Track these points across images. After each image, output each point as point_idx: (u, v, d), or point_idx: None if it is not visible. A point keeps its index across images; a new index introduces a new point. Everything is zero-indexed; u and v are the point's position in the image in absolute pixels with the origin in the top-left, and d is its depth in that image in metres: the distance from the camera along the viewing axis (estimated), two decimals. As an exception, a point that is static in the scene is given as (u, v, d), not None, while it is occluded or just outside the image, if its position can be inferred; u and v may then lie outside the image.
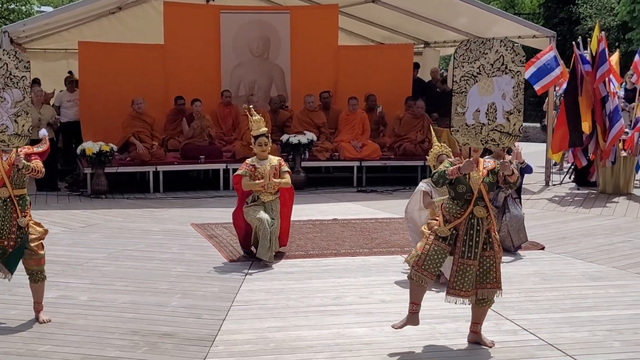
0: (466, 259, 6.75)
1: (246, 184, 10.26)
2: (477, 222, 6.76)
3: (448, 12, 18.57)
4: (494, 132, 6.76)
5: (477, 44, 6.75)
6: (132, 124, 16.27)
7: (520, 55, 6.76)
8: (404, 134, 17.32)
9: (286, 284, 9.17)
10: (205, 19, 18.09)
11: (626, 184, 15.67)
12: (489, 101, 6.74)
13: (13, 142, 7.32)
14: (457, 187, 6.81)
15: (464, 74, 6.73)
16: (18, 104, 7.32)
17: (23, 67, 7.33)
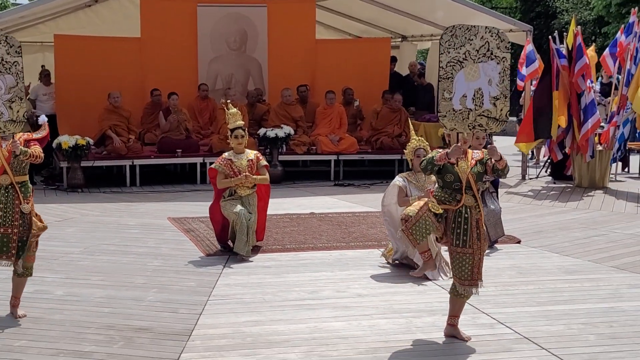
0: (455, 246, 6.77)
1: (221, 181, 10.24)
2: (465, 210, 6.78)
3: (425, 6, 18.61)
4: (481, 117, 6.80)
5: (462, 30, 6.78)
6: (109, 117, 16.20)
7: (506, 41, 6.81)
8: (381, 128, 17.34)
9: (263, 278, 9.16)
10: (182, 12, 18.00)
11: (602, 177, 15.75)
12: (476, 87, 6.79)
13: (9, 129, 7.25)
14: (445, 176, 6.82)
15: (450, 59, 6.76)
16: (12, 90, 7.24)
17: (14, 52, 7.23)
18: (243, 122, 10.52)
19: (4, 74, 7.22)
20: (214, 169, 10.35)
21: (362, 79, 18.55)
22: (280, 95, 17.44)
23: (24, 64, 7.39)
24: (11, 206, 7.32)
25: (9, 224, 7.31)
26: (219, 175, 10.25)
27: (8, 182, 7.33)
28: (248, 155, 10.39)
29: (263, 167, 10.46)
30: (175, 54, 17.70)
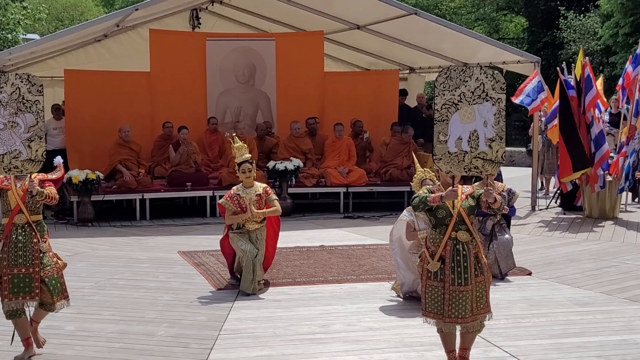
0: (457, 285, 6.74)
1: (229, 217, 10.23)
2: (463, 246, 6.76)
3: (432, 38, 18.67)
4: (477, 160, 6.78)
5: (457, 71, 6.78)
6: (119, 151, 16.27)
7: (501, 82, 6.78)
8: (390, 160, 17.36)
9: (274, 311, 9.15)
10: (192, 46, 18.13)
11: (612, 208, 15.72)
12: (471, 129, 6.76)
13: (27, 168, 7.25)
14: (437, 212, 6.81)
15: (445, 101, 6.76)
16: (31, 129, 7.24)
17: (36, 91, 7.24)
18: (250, 156, 10.45)
19: (24, 113, 7.22)
20: (222, 205, 10.35)
21: (371, 111, 18.62)
22: (289, 128, 17.48)
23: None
24: (30, 245, 7.31)
25: (30, 264, 7.30)
26: (227, 211, 10.25)
27: (24, 222, 7.33)
28: (257, 189, 10.32)
29: (274, 201, 10.36)
30: (185, 88, 17.79)
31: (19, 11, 31.99)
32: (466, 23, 43.44)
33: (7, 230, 7.32)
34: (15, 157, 7.22)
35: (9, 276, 7.28)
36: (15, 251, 7.29)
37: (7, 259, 7.28)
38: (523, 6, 42.70)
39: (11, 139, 7.21)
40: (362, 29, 19.20)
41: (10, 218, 7.32)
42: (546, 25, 38.69)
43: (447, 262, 6.76)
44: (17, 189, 7.34)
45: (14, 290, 7.28)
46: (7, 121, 7.20)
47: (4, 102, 7.20)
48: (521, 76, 19.48)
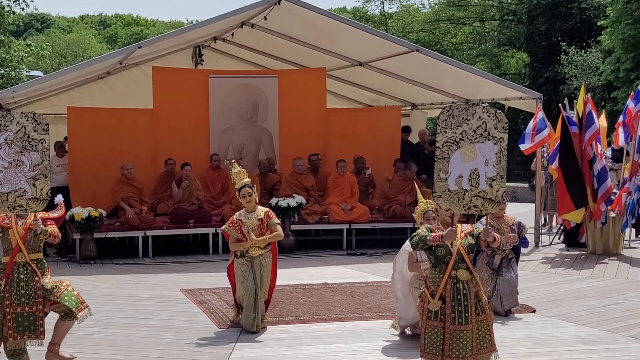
0: (457, 324, 6.70)
1: (232, 244, 10.14)
2: (463, 285, 6.74)
3: (434, 75, 18.73)
4: (477, 199, 6.77)
5: (459, 109, 6.78)
6: (121, 189, 16.28)
7: (503, 121, 6.78)
8: (393, 196, 17.35)
9: (277, 350, 9.10)
10: (194, 83, 18.21)
11: (615, 244, 15.69)
12: (472, 167, 6.76)
13: (31, 207, 7.24)
14: (437, 250, 6.80)
15: (447, 139, 6.76)
16: (36, 167, 7.24)
17: (42, 130, 7.25)
18: (249, 180, 10.30)
19: (30, 151, 7.23)
20: (226, 233, 10.29)
21: (373, 148, 18.63)
22: (291, 165, 17.50)
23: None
24: (32, 283, 7.30)
25: (33, 302, 7.28)
26: (230, 237, 10.18)
27: (24, 260, 7.32)
28: (259, 214, 10.18)
29: (276, 225, 10.17)
30: (187, 125, 17.85)
31: (22, 48, 32.16)
32: (468, 59, 43.65)
33: (9, 269, 7.32)
34: (20, 195, 7.21)
35: (13, 315, 7.25)
36: (18, 290, 7.28)
37: (9, 298, 7.26)
38: (524, 42, 42.90)
39: (16, 177, 7.21)
40: (365, 66, 19.29)
41: (11, 257, 7.32)
42: (548, 60, 38.84)
43: (448, 301, 6.74)
44: (18, 228, 7.33)
45: (19, 329, 7.26)
46: (12, 159, 7.21)
47: (9, 141, 7.20)
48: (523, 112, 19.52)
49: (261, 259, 10.13)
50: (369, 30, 17.96)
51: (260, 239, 10.04)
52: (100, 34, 78.27)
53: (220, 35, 19.36)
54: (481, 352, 6.87)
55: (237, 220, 10.17)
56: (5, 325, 7.30)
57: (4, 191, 7.20)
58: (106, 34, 78.88)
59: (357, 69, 19.60)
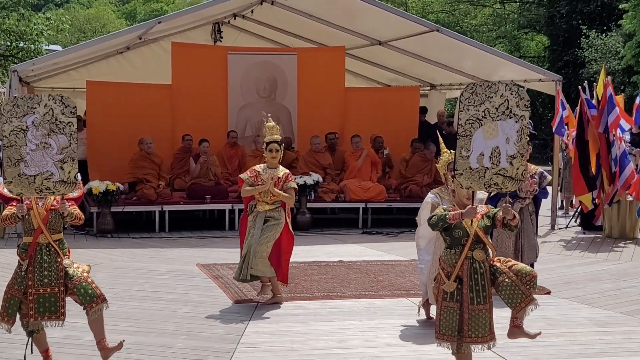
0: (476, 304, 6.71)
1: (244, 189, 10.13)
2: (479, 265, 6.74)
3: (454, 55, 18.67)
4: (497, 176, 6.76)
5: (482, 87, 6.76)
6: (141, 164, 16.33)
7: (525, 99, 6.76)
8: (410, 176, 17.34)
9: (291, 326, 9.14)
10: (213, 59, 18.21)
11: (632, 228, 15.66)
12: (493, 145, 6.74)
13: (59, 190, 7.19)
14: (454, 231, 6.78)
15: (469, 117, 6.73)
16: (64, 150, 7.17)
17: (69, 113, 7.17)
18: (280, 137, 10.27)
19: (57, 134, 7.17)
20: (242, 180, 10.29)
21: (391, 127, 18.61)
22: (309, 143, 17.50)
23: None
24: (55, 265, 7.31)
25: (55, 283, 7.29)
26: (244, 184, 10.17)
27: (46, 242, 7.34)
28: (279, 172, 10.16)
29: (291, 189, 10.17)
30: (206, 101, 17.86)
31: (42, 22, 32.17)
32: (487, 41, 43.44)
33: (32, 250, 7.31)
34: (47, 178, 7.16)
35: (35, 296, 7.27)
36: (41, 271, 7.27)
37: (32, 279, 7.27)
38: (544, 25, 42.68)
39: (43, 160, 7.17)
40: (384, 45, 19.24)
41: (34, 238, 7.32)
42: (568, 44, 38.65)
43: (465, 281, 6.73)
44: (39, 209, 7.35)
45: (40, 310, 7.28)
46: (39, 142, 7.16)
47: (37, 123, 7.17)
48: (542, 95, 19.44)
49: (274, 213, 10.08)
50: (389, 9, 17.91)
51: (275, 191, 9.97)
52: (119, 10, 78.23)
53: (239, 12, 19.34)
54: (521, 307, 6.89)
55: (256, 172, 10.16)
56: (27, 306, 7.33)
57: (31, 174, 7.16)
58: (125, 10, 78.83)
59: (377, 48, 19.55)
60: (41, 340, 7.51)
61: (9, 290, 7.38)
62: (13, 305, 7.34)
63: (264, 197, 10.05)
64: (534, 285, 6.93)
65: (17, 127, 7.14)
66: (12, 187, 7.18)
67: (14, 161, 7.15)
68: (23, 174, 7.16)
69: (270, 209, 10.09)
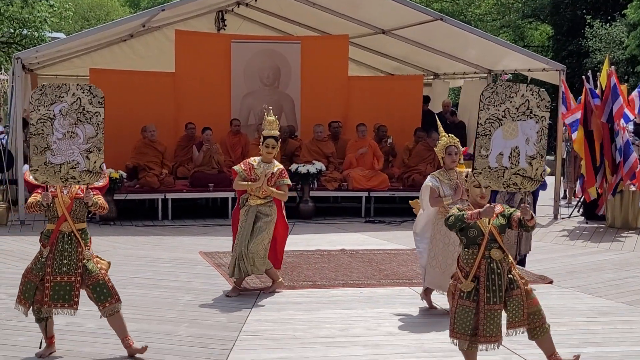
0: (492, 304, 6.71)
1: (236, 183, 10.11)
2: (497, 265, 6.73)
3: (458, 44, 18.64)
4: (516, 176, 6.76)
5: (503, 87, 6.74)
6: (144, 152, 16.32)
7: (546, 100, 6.74)
8: (413, 165, 17.33)
9: (293, 314, 9.16)
10: (217, 47, 18.19)
11: (635, 218, 15.64)
12: (513, 145, 6.73)
13: (84, 179, 7.21)
14: (469, 231, 6.77)
15: (489, 116, 6.71)
16: (90, 140, 7.19)
17: (97, 103, 7.18)
18: (278, 133, 10.22)
19: (84, 124, 7.17)
20: (235, 171, 10.25)
21: (395, 116, 18.59)
22: (312, 131, 17.49)
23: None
24: (75, 254, 7.32)
25: (73, 272, 7.31)
26: (237, 176, 10.14)
27: (69, 230, 7.34)
28: (273, 167, 10.10)
29: (285, 185, 10.11)
30: (209, 89, 17.85)
31: (45, 9, 32.14)
32: (491, 30, 43.34)
33: (54, 238, 7.33)
34: (73, 167, 7.17)
35: (52, 283, 7.29)
36: (61, 259, 7.29)
37: (51, 266, 7.28)
38: (549, 14, 42.53)
39: (70, 149, 7.17)
40: (387, 34, 19.21)
41: (57, 225, 7.33)
42: (572, 33, 38.52)
43: (482, 280, 6.72)
44: (64, 197, 7.35)
45: (54, 297, 7.30)
46: (66, 131, 7.16)
47: (64, 112, 7.17)
48: (545, 84, 19.40)
49: (266, 208, 10.05)
50: (392, -2, 17.86)
51: (268, 188, 9.94)
52: (123, -3, 78.12)
53: (243, 0, 19.31)
54: (513, 326, 6.88)
55: (249, 164, 10.12)
56: (41, 292, 7.34)
57: (57, 162, 7.16)
58: (129, -3, 78.73)
59: (380, 36, 19.52)
60: (49, 327, 7.54)
61: (27, 275, 7.42)
62: (30, 289, 7.39)
63: (256, 191, 10.02)
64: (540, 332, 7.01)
65: (45, 115, 7.15)
66: (38, 175, 7.20)
67: (40, 149, 7.17)
68: (49, 162, 7.18)
69: (262, 204, 10.06)
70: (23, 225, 14.73)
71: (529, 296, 6.91)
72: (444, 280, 9.19)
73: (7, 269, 11.11)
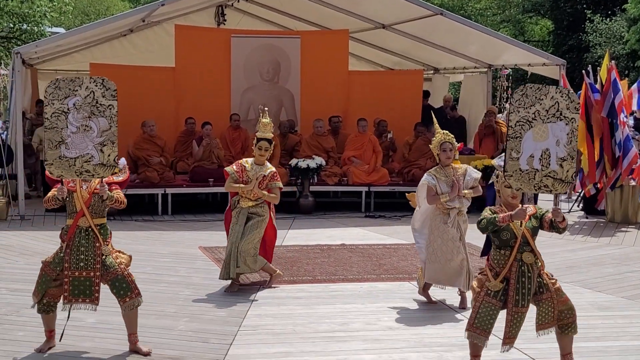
0: (520, 307, 6.71)
1: (228, 184, 10.08)
2: (528, 268, 6.72)
3: (458, 39, 18.63)
4: (547, 178, 6.73)
5: (533, 89, 6.72)
6: (144, 147, 16.31)
7: (575, 102, 6.72)
8: (413, 160, 17.33)
9: (293, 309, 9.16)
10: (217, 42, 18.17)
11: (635, 213, 15.64)
12: (543, 147, 6.70)
13: (98, 172, 7.18)
14: (502, 234, 6.76)
15: (520, 119, 6.68)
16: (104, 133, 7.15)
17: (110, 96, 7.14)
18: (272, 135, 10.13)
19: (98, 117, 7.13)
20: (226, 172, 10.21)
21: (395, 111, 18.57)
22: (312, 126, 17.48)
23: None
24: (92, 249, 7.30)
25: (91, 267, 7.29)
26: (229, 178, 10.11)
27: (87, 225, 7.33)
28: (265, 170, 10.04)
29: (276, 188, 10.04)
30: (209, 84, 17.84)
31: (45, 4, 32.11)
32: (491, 25, 43.32)
33: (71, 233, 7.32)
34: (87, 160, 7.14)
35: (70, 278, 7.28)
36: (78, 255, 7.28)
37: (69, 261, 7.28)
38: (549, 9, 42.53)
39: (84, 142, 7.15)
40: (388, 29, 19.19)
41: (74, 220, 7.32)
42: (572, 28, 38.52)
43: (512, 282, 6.72)
44: (83, 192, 7.34)
45: (75, 292, 7.30)
46: (80, 124, 7.14)
47: (78, 105, 7.15)
48: (546, 79, 19.38)
49: (250, 210, 10.01)
50: (392, -8, 17.85)
51: (259, 192, 9.89)
52: (123, -8, 78.04)
53: (243, -5, 19.32)
54: (543, 327, 6.90)
55: (241, 166, 10.08)
56: (61, 288, 7.34)
57: (71, 156, 7.13)
58: (129, -8, 78.67)
59: (380, 31, 19.51)
60: (51, 320, 7.55)
61: (45, 268, 7.43)
62: (44, 282, 7.40)
63: (247, 193, 9.98)
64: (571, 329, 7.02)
65: (59, 109, 7.14)
66: (53, 169, 7.19)
67: (55, 143, 7.15)
68: (64, 156, 7.16)
69: (253, 205, 10.02)
70: (23, 220, 14.75)
71: (560, 295, 6.90)
72: (443, 275, 9.21)
73: (7, 263, 11.12)
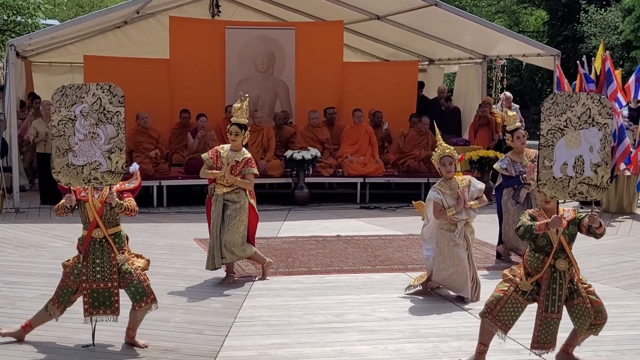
0: (550, 312, 6.72)
1: (202, 171, 10.06)
2: (560, 275, 6.72)
3: (453, 30, 18.62)
4: (582, 185, 6.72)
5: (563, 97, 6.70)
6: (138, 139, 16.30)
7: (607, 107, 6.69)
8: (408, 151, 17.33)
9: (289, 300, 9.17)
10: (211, 34, 18.13)
11: (630, 203, 15.67)
12: (577, 154, 6.68)
13: (106, 180, 7.14)
14: (538, 240, 6.76)
15: (551, 127, 6.65)
16: (112, 140, 7.11)
17: (117, 102, 7.12)
18: (246, 121, 10.05)
19: (105, 124, 7.10)
20: (202, 159, 10.17)
21: (390, 102, 18.55)
22: (307, 118, 17.47)
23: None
24: (107, 260, 7.26)
25: (108, 279, 7.26)
26: (204, 165, 10.06)
27: (102, 236, 7.27)
28: (239, 156, 9.95)
29: (250, 174, 9.94)
30: (203, 76, 17.80)
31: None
32: (486, 15, 43.27)
33: (86, 245, 7.27)
34: (95, 168, 7.09)
35: (89, 291, 7.26)
36: (94, 267, 7.23)
37: (86, 274, 7.25)
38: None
39: (91, 150, 7.09)
40: (382, 20, 19.18)
41: (88, 232, 7.28)
42: (567, 18, 38.51)
43: (543, 288, 6.73)
44: (95, 201, 7.28)
45: (94, 304, 7.28)
46: (87, 132, 7.07)
47: (85, 113, 7.10)
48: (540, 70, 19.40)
49: (226, 197, 9.95)
50: (387, -17, 17.84)
51: (231, 177, 9.83)
52: (117, -16, 77.89)
53: (237, -14, 19.30)
54: (584, 333, 6.92)
55: (217, 151, 10.05)
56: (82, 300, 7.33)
57: (79, 164, 7.09)
58: (123, -16, 78.47)
59: (375, 22, 19.49)
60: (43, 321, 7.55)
61: (65, 279, 7.42)
62: (65, 294, 7.40)
63: (221, 179, 9.92)
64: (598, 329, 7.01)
65: (66, 116, 7.10)
66: (61, 177, 7.16)
67: (62, 151, 7.11)
68: (71, 164, 7.12)
69: (228, 192, 9.96)
70: (18, 213, 14.73)
71: (592, 297, 6.92)
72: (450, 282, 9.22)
73: (2, 256, 11.11)
